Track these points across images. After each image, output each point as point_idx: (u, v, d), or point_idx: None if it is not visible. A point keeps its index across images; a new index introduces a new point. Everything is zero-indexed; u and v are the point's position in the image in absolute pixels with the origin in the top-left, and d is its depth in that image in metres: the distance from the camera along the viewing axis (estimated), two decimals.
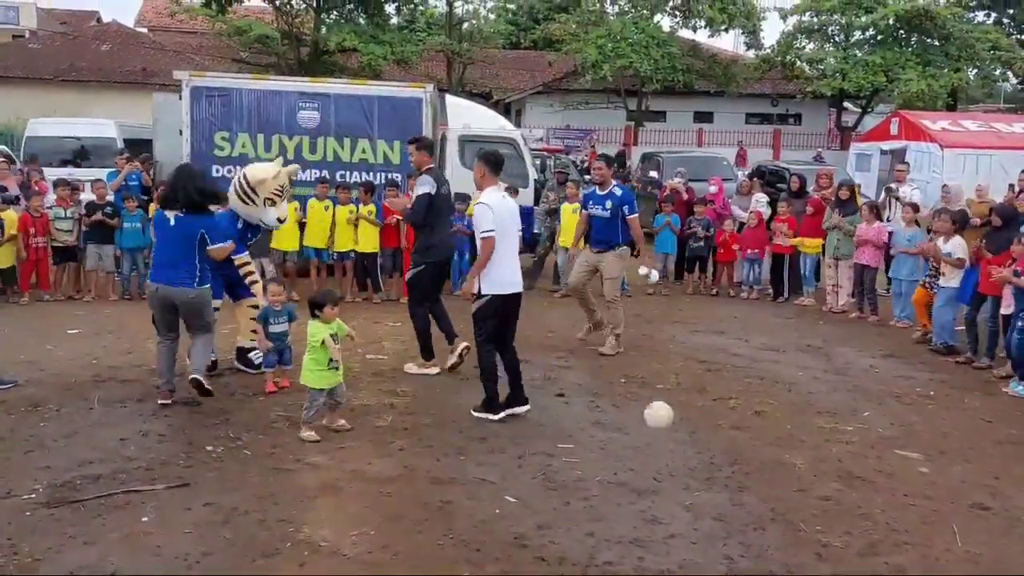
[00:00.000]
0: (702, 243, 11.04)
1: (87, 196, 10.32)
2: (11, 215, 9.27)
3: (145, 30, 34.26)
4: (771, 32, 78.67)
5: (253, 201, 6.38)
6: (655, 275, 8.61)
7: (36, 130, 16.15)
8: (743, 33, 26.93)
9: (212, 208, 5.97)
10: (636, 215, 7.61)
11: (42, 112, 19.55)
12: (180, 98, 10.39)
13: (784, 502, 4.51)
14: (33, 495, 4.26)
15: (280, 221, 6.67)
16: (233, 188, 6.46)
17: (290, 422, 5.48)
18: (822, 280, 10.52)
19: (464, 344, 6.70)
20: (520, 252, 10.76)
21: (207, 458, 4.84)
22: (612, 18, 26.37)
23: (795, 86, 27.62)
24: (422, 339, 6.84)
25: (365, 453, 5.00)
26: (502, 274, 5.75)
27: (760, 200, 11.29)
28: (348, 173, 10.55)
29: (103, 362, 6.87)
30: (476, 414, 5.72)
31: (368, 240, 9.88)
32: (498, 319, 5.78)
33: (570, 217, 10.49)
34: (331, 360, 5.19)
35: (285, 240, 9.61)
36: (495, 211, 5.70)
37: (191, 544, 3.81)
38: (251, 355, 6.59)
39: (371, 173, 10.54)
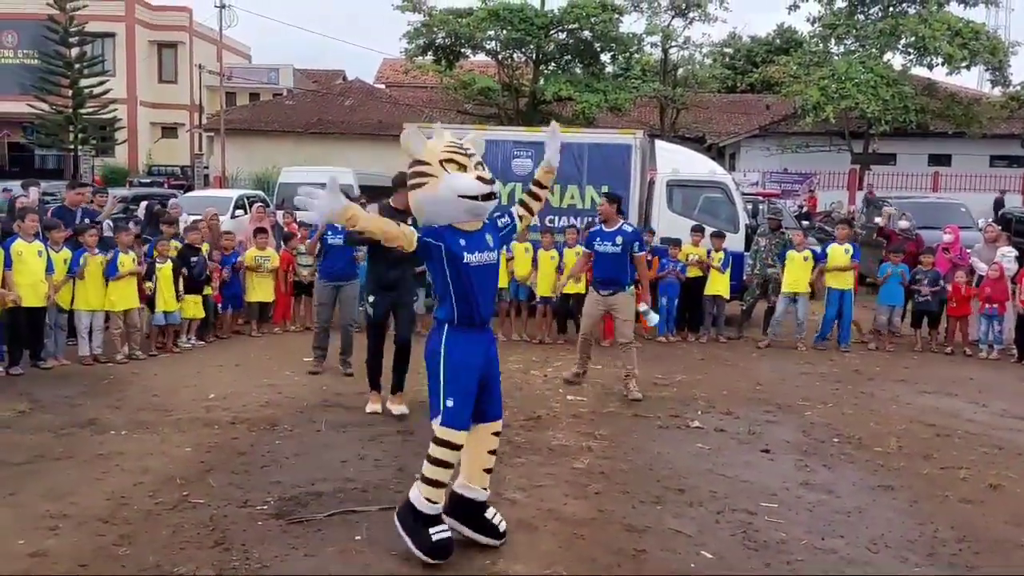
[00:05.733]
0: (928, 296, 10.17)
1: None
2: (273, 253, 10.46)
3: (383, 86, 37.54)
4: (1021, 68, 71.42)
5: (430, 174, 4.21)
6: (654, 316, 7.73)
7: (287, 177, 18.29)
8: (987, 69, 24.57)
9: None
10: (644, 253, 7.78)
11: (294, 161, 22.08)
12: None
13: None
14: (265, 507, 4.72)
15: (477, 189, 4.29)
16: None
17: None
18: None
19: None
20: (729, 300, 10.69)
21: None
22: (837, 58, 25.11)
23: None
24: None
25: (561, 493, 5.07)
26: None
27: (1007, 255, 10.19)
28: (556, 218, 10.85)
29: (331, 389, 7.51)
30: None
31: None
32: None
33: (800, 265, 10.11)
34: None
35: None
36: None
37: (397, 565, 4.05)
38: (490, 516, 4.27)
39: (578, 218, 10.77)
